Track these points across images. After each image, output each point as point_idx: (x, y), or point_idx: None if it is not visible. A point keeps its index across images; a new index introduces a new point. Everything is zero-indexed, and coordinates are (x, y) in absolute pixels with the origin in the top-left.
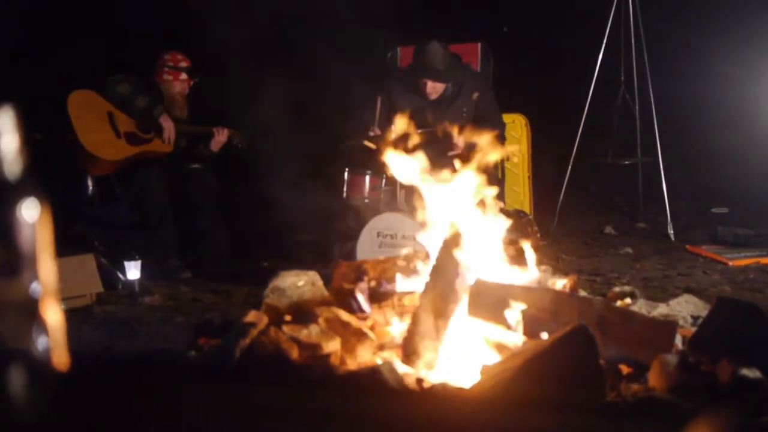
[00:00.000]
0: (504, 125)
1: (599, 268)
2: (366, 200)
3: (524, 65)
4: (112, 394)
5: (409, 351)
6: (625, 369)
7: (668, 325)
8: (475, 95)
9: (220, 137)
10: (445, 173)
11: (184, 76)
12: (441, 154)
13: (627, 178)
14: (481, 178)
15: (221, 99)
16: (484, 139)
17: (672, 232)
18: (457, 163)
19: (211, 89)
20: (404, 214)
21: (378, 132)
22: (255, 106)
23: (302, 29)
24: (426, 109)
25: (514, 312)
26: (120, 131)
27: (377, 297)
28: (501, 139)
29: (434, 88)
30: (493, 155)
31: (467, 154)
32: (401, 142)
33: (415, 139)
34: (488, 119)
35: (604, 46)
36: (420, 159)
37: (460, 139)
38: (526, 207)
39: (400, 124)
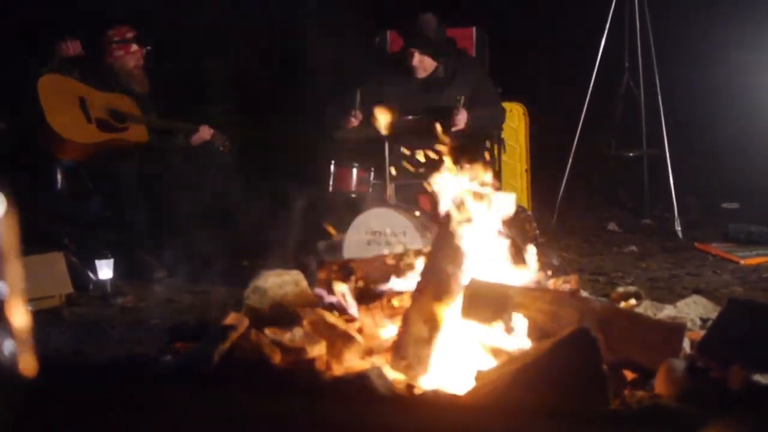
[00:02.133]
0: (504, 111)
1: (602, 268)
2: (353, 195)
3: (522, 50)
4: (82, 403)
5: (399, 355)
6: (629, 375)
7: (676, 328)
8: (463, 98)
9: (204, 134)
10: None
11: (134, 47)
12: (429, 143)
13: (632, 172)
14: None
15: (193, 89)
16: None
17: (680, 228)
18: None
19: (179, 78)
20: (394, 210)
21: (360, 117)
22: (230, 94)
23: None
24: (416, 94)
25: (511, 314)
26: (91, 117)
27: (365, 298)
28: (497, 136)
29: (421, 63)
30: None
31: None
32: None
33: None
34: (486, 105)
35: (607, 29)
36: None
37: (461, 116)
38: (524, 202)
39: (382, 113)
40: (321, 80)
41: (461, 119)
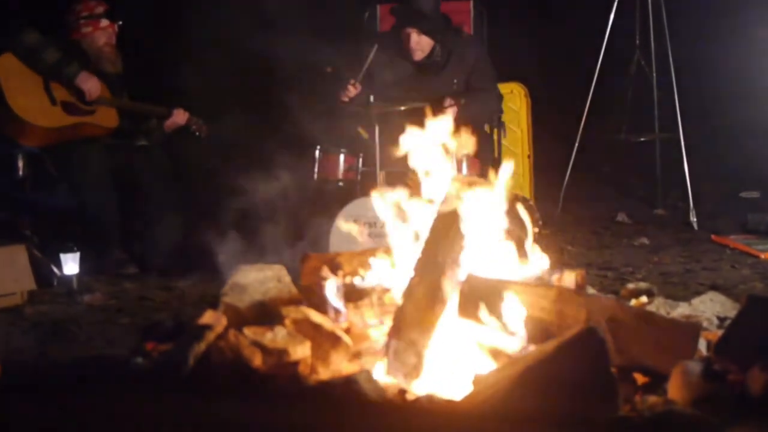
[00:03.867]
0: (501, 98)
1: (611, 262)
2: (340, 183)
3: (523, 26)
4: (45, 409)
5: (390, 357)
6: (640, 379)
7: (691, 328)
8: (456, 84)
9: (178, 118)
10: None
11: (104, 22)
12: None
13: (643, 158)
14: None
15: (171, 69)
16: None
17: (695, 219)
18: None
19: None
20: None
21: (359, 89)
22: (210, 74)
23: None
24: (410, 79)
25: (512, 313)
26: (56, 99)
27: (353, 295)
28: (497, 114)
29: (419, 44)
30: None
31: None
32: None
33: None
34: (482, 91)
35: (616, 3)
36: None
37: (451, 111)
38: (526, 191)
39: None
40: (303, 59)
41: (450, 114)
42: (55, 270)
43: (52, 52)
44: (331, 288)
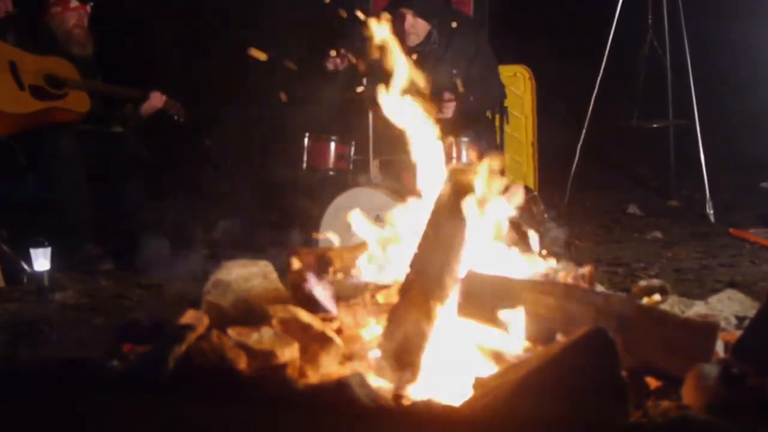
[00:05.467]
0: (502, 88)
1: (621, 257)
2: (331, 172)
3: (528, 5)
4: (15, 414)
5: (384, 360)
6: (652, 383)
7: (707, 328)
8: (458, 80)
9: (155, 102)
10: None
11: (74, 3)
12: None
13: (656, 145)
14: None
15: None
16: None
17: (712, 211)
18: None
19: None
20: (379, 190)
21: (346, 60)
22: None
23: None
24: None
25: (516, 312)
26: (24, 83)
27: (345, 293)
28: (498, 104)
29: (414, 27)
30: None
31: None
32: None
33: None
34: (483, 81)
35: None
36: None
37: (449, 105)
38: (530, 181)
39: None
40: (289, 42)
41: (449, 110)
42: (25, 266)
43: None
44: (321, 286)
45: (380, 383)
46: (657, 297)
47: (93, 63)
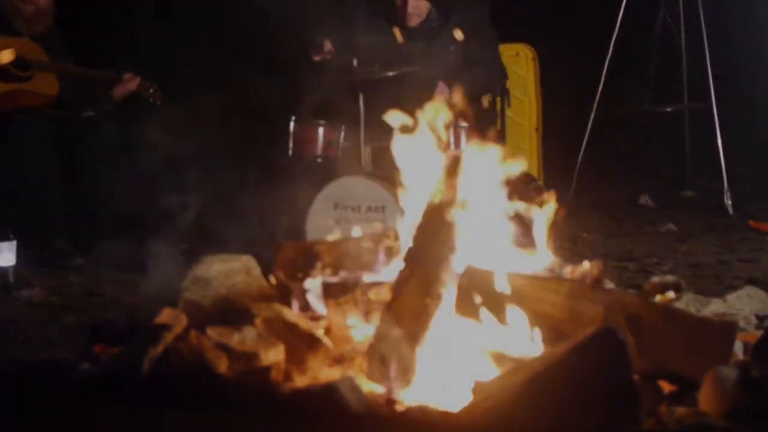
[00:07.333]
0: (503, 69)
1: (632, 252)
2: (319, 160)
3: None
4: None
5: (376, 362)
6: (666, 387)
7: (725, 329)
8: (459, 34)
9: (129, 85)
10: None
11: None
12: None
13: (669, 131)
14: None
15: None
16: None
17: (730, 203)
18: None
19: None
20: (370, 179)
21: (330, 48)
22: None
23: None
24: (398, 47)
25: (518, 310)
26: None
27: (334, 290)
28: (499, 86)
29: (417, 8)
30: None
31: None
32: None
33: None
34: (482, 62)
35: None
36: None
37: (442, 93)
38: (534, 169)
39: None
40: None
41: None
42: None
43: None
44: (309, 283)
45: (372, 387)
46: (671, 294)
47: (61, 44)
